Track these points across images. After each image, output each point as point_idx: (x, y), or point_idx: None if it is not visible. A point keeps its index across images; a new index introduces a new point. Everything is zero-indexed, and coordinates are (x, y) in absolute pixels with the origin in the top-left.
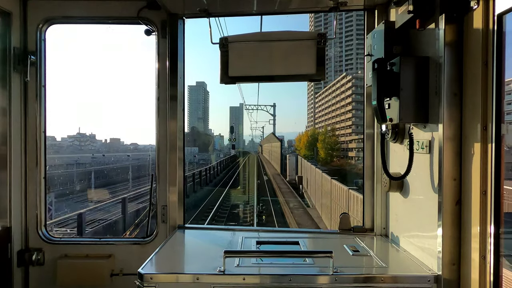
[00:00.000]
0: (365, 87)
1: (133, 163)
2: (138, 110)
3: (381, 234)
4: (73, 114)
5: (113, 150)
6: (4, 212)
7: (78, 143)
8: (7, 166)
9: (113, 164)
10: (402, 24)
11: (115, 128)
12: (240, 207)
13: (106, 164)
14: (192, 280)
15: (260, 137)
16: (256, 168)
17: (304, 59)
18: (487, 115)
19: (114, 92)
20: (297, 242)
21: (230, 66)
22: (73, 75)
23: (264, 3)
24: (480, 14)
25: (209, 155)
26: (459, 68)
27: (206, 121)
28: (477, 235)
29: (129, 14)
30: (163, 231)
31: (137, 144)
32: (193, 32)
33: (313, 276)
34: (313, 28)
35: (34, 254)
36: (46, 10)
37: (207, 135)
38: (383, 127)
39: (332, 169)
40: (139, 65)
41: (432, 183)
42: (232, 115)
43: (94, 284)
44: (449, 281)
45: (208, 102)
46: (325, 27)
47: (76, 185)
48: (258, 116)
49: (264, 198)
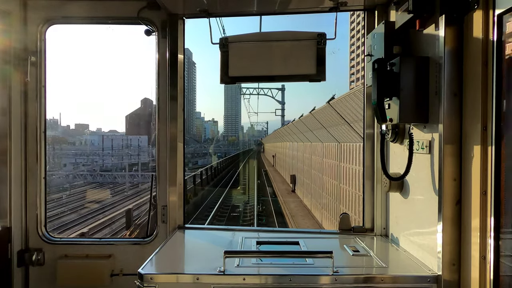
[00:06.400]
0: (365, 87)
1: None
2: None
3: (381, 234)
4: (72, 115)
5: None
6: (4, 212)
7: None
8: (7, 166)
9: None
10: (402, 24)
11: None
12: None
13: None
14: (192, 280)
15: (263, 130)
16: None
17: (304, 59)
18: (487, 115)
19: (114, 92)
20: (297, 242)
21: (230, 66)
22: (73, 75)
23: (264, 3)
24: (480, 14)
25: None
26: (459, 68)
27: (191, 102)
28: (477, 235)
29: (129, 14)
30: (163, 231)
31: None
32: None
33: (313, 276)
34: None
35: (34, 254)
36: (46, 10)
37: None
38: (383, 127)
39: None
40: (139, 65)
41: (432, 183)
42: (228, 98)
43: (94, 284)
44: (449, 281)
45: (195, 77)
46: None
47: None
48: (259, 104)
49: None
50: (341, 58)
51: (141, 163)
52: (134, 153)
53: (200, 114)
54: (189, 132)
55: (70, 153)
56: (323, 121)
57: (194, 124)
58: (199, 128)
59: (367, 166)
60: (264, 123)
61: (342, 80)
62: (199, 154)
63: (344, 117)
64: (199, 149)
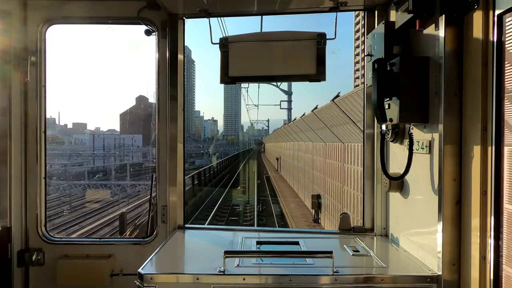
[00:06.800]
0: (365, 87)
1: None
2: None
3: (381, 234)
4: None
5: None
6: (4, 212)
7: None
8: (7, 166)
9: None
10: (402, 24)
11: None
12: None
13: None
14: (192, 280)
15: (263, 130)
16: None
17: (304, 59)
18: (487, 115)
19: (113, 91)
20: (297, 242)
21: (230, 66)
22: (73, 74)
23: (264, 3)
24: (480, 14)
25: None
26: (459, 68)
27: (190, 101)
28: (477, 235)
29: (129, 14)
30: (163, 231)
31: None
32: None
33: (313, 276)
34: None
35: (34, 254)
36: (46, 10)
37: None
38: (383, 127)
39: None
40: (138, 64)
41: (432, 183)
42: (227, 96)
43: (94, 284)
44: (449, 281)
45: (194, 75)
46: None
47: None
48: (260, 96)
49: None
50: (343, 57)
51: (133, 163)
52: (123, 153)
53: (199, 113)
54: (188, 131)
55: (53, 153)
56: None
57: (193, 123)
58: (198, 127)
59: (367, 166)
60: (265, 121)
61: (345, 80)
62: (197, 154)
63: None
64: (196, 148)
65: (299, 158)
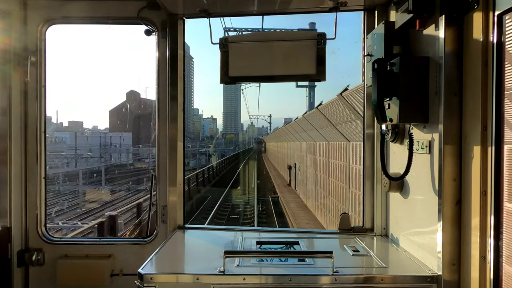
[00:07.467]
0: (365, 87)
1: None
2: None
3: (381, 234)
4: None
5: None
6: (4, 212)
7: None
8: (7, 166)
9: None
10: (402, 24)
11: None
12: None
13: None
14: (192, 280)
15: (264, 128)
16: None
17: (304, 59)
18: (487, 115)
19: (112, 90)
20: (297, 242)
21: (230, 66)
22: (73, 74)
23: (264, 3)
24: (480, 14)
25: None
26: (459, 68)
27: (189, 98)
28: (477, 235)
29: (129, 14)
30: (163, 231)
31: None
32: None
33: (313, 276)
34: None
35: (34, 254)
36: (46, 10)
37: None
38: (383, 127)
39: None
40: (137, 64)
41: (432, 183)
42: (227, 96)
43: (94, 284)
44: (449, 281)
45: (192, 72)
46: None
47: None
48: (260, 93)
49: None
50: (343, 57)
51: (120, 164)
52: (108, 154)
53: (198, 111)
54: (186, 130)
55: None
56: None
57: (192, 122)
58: (197, 125)
59: (367, 166)
60: (267, 117)
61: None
62: (195, 153)
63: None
64: (194, 148)
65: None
